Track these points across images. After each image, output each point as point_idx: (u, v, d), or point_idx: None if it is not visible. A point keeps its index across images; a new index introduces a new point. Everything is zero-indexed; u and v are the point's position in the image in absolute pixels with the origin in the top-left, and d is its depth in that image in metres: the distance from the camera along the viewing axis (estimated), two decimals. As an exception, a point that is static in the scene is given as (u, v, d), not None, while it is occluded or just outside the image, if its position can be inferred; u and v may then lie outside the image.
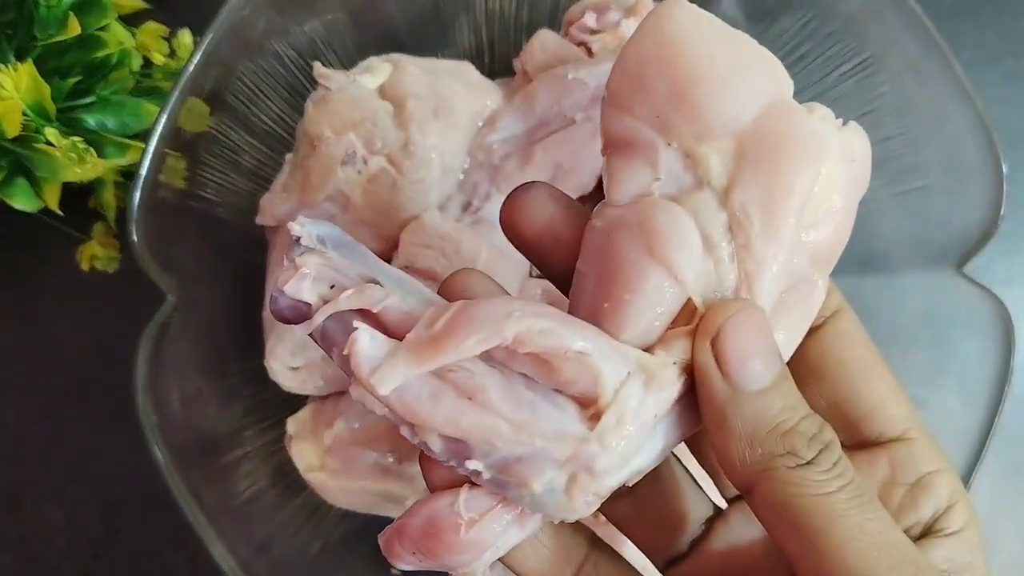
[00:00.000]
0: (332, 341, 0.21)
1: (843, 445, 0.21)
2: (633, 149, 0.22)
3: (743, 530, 0.25)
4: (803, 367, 0.23)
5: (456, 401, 0.20)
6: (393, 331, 0.21)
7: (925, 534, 0.22)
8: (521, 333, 0.20)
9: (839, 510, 0.19)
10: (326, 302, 0.21)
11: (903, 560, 0.19)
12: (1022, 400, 0.45)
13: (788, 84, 0.22)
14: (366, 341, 0.20)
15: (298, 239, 0.22)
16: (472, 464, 0.21)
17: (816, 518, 0.19)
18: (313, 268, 0.21)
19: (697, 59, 0.21)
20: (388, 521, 0.26)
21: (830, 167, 0.21)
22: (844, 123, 0.23)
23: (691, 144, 0.21)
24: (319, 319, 0.21)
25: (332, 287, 0.22)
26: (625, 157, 0.22)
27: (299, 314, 0.21)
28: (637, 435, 0.20)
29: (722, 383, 0.20)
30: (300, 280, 0.21)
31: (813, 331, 0.23)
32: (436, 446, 0.21)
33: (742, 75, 0.21)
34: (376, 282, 0.22)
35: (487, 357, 0.21)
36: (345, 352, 0.21)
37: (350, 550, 0.43)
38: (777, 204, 0.21)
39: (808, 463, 0.20)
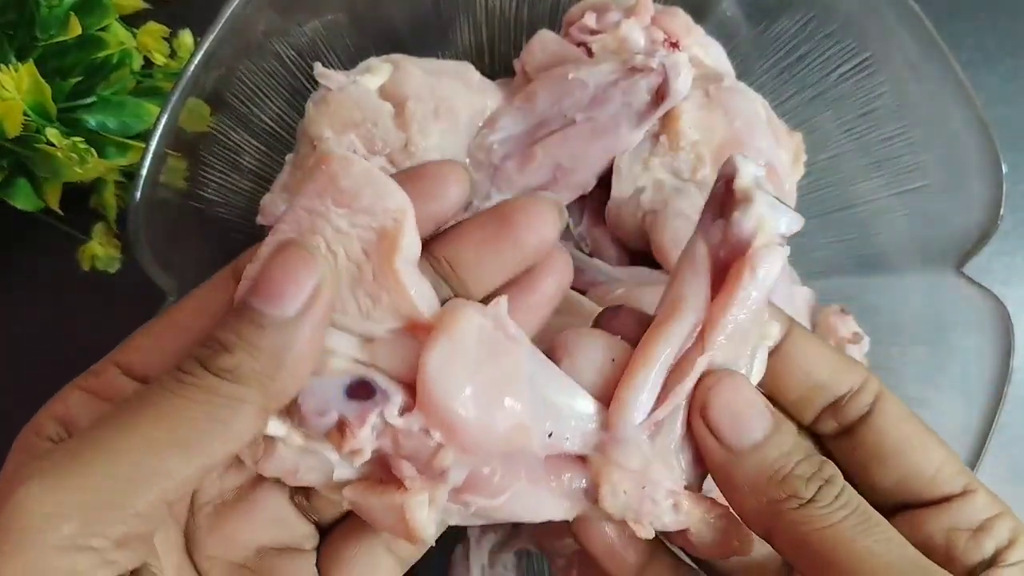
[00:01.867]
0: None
1: (910, 506, 0.23)
2: None
3: None
4: (864, 454, 0.24)
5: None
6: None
7: (988, 566, 0.23)
8: None
9: (847, 537, 0.21)
10: None
11: (915, 570, 0.20)
12: (1022, 400, 0.45)
13: None
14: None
15: None
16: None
17: (828, 548, 0.21)
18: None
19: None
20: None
21: None
22: None
23: None
24: None
25: None
26: None
27: None
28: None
29: (718, 448, 0.23)
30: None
31: (864, 419, 0.24)
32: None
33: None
34: None
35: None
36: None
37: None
38: None
39: (810, 501, 0.21)
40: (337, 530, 0.27)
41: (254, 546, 0.25)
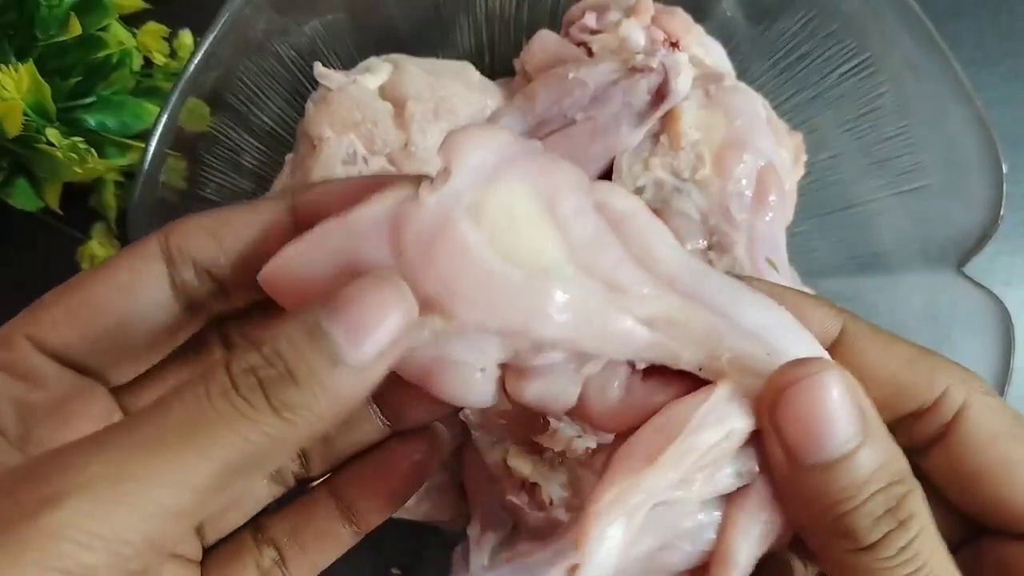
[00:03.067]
0: None
1: (997, 531, 0.20)
2: None
3: None
4: (943, 475, 0.21)
5: None
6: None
7: None
8: None
9: None
10: None
11: None
12: (1022, 400, 0.45)
13: None
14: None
15: None
16: None
17: None
18: None
19: None
20: (388, 520, 0.26)
21: None
22: None
23: None
24: None
25: None
26: None
27: None
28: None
29: (782, 455, 0.19)
30: None
31: (944, 435, 0.20)
32: None
33: None
34: None
35: None
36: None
37: (350, 549, 0.43)
38: None
39: (867, 548, 0.18)
40: (293, 504, 0.25)
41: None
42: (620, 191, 0.22)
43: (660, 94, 0.40)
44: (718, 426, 0.19)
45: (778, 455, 0.19)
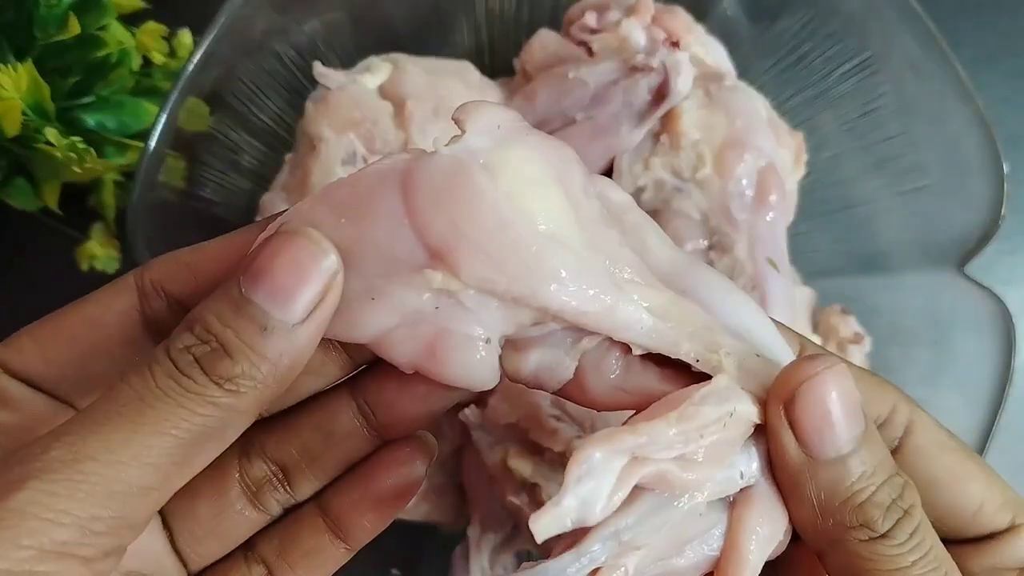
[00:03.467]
0: None
1: (952, 542, 0.21)
2: None
3: None
4: None
5: None
6: None
7: None
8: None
9: None
10: None
11: None
12: (1023, 400, 0.45)
13: None
14: None
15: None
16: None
17: None
18: None
19: None
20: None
21: None
22: None
23: None
24: None
25: None
26: None
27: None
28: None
29: (796, 450, 0.19)
30: None
31: (895, 451, 0.21)
32: None
33: None
34: None
35: None
36: None
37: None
38: None
39: (882, 536, 0.19)
40: (282, 521, 0.25)
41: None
42: (615, 185, 0.22)
43: (660, 94, 0.40)
44: (720, 405, 0.19)
45: (791, 451, 0.19)
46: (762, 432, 0.20)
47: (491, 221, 0.19)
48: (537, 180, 0.20)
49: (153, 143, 0.39)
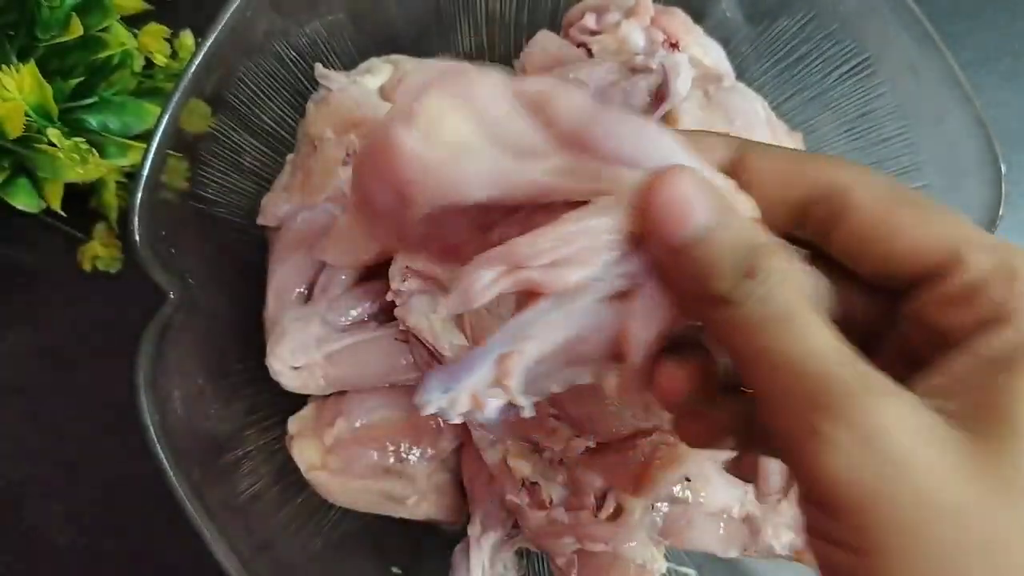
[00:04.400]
0: None
1: (913, 293, 0.21)
2: None
3: None
4: (844, 256, 0.22)
5: None
6: None
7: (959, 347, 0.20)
8: None
9: (755, 332, 0.20)
10: None
11: (805, 375, 0.19)
12: (1021, 399, 0.45)
13: None
14: None
15: None
16: None
17: (738, 347, 0.20)
18: None
19: None
20: (389, 520, 0.26)
21: None
22: None
23: None
24: None
25: None
26: None
27: None
28: None
29: (659, 244, 0.21)
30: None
31: (839, 220, 0.22)
32: None
33: None
34: None
35: None
36: None
37: (351, 549, 0.43)
38: None
39: (730, 301, 0.20)
40: None
41: None
42: (537, 78, 0.24)
43: (660, 95, 0.40)
44: (596, 218, 0.22)
45: (652, 245, 0.21)
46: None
47: (413, 165, 0.22)
48: (445, 112, 0.22)
49: (155, 144, 0.39)
